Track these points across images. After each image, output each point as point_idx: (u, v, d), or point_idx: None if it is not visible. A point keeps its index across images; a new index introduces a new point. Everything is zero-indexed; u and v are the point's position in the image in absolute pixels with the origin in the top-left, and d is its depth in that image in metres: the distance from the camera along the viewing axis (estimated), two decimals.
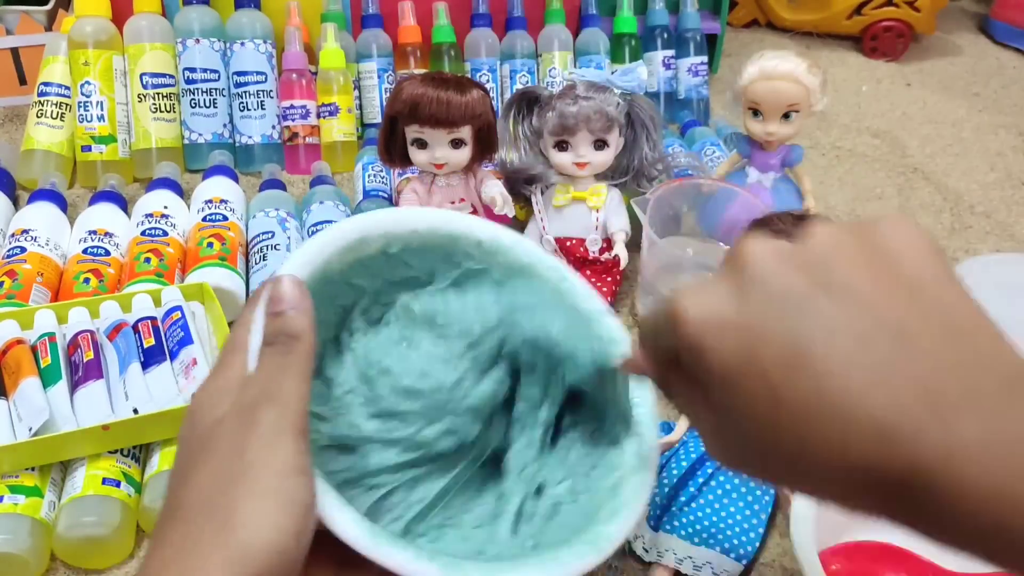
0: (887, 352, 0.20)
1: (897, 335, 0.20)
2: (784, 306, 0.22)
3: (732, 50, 1.14)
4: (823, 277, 0.22)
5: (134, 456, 0.54)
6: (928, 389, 0.20)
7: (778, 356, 0.21)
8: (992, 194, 0.90)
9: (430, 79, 0.65)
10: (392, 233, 0.37)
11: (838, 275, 0.22)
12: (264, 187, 0.79)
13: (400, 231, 0.38)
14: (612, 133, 0.68)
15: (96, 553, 0.50)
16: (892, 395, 0.20)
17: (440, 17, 0.92)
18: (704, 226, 0.74)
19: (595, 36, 0.96)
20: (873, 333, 0.21)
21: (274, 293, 0.31)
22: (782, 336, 0.21)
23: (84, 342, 0.56)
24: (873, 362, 0.20)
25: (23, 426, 0.51)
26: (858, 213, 0.86)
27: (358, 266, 0.37)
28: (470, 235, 0.39)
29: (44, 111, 0.85)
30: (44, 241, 0.69)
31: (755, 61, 0.67)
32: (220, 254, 0.69)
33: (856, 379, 0.20)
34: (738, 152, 0.73)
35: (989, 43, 1.24)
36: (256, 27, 0.87)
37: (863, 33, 1.17)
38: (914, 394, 0.20)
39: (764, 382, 0.21)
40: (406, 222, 0.38)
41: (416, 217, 0.38)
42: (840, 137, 0.99)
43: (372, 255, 0.37)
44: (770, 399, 0.21)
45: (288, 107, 0.87)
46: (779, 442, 0.22)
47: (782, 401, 0.21)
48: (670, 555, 0.49)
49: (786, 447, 0.21)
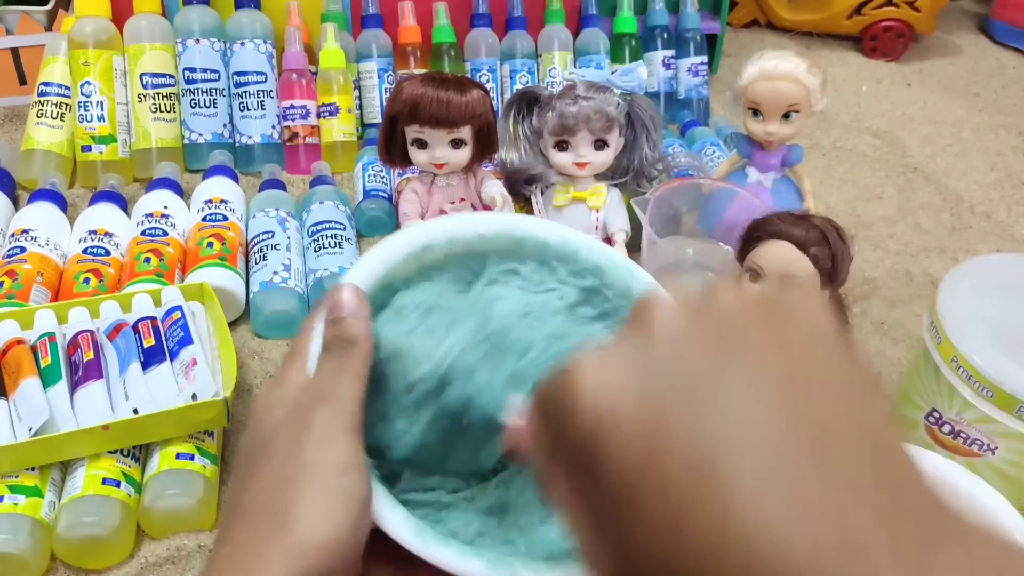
0: (804, 472, 0.17)
1: (814, 447, 0.18)
2: (691, 394, 0.18)
3: (732, 50, 1.14)
4: (733, 351, 0.19)
5: (134, 456, 0.54)
6: (849, 535, 0.17)
7: (682, 468, 0.18)
8: (992, 194, 0.89)
9: (430, 79, 0.65)
10: (457, 238, 0.37)
11: (751, 353, 0.19)
12: (264, 187, 0.79)
13: (465, 235, 0.37)
14: (612, 133, 0.68)
15: (96, 553, 0.50)
16: (810, 537, 0.17)
17: (440, 17, 0.92)
18: (704, 226, 0.74)
19: (595, 36, 0.96)
20: (789, 440, 0.18)
21: (333, 301, 0.32)
22: (686, 435, 0.18)
23: (84, 342, 0.56)
24: (789, 488, 0.17)
25: (23, 426, 0.51)
26: (858, 213, 0.86)
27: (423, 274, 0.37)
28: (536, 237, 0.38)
29: (44, 111, 0.85)
30: (44, 241, 0.69)
31: (755, 61, 0.67)
32: (220, 254, 0.69)
33: (770, 510, 0.17)
34: (738, 152, 0.73)
35: (989, 43, 1.24)
36: (256, 27, 0.87)
37: (863, 33, 1.17)
38: (835, 539, 0.17)
39: (665, 501, 0.18)
40: (472, 226, 0.38)
41: (482, 221, 0.38)
42: (840, 137, 0.99)
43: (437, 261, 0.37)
44: (670, 520, 0.18)
45: (288, 107, 0.87)
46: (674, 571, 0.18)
47: (684, 525, 0.18)
48: None
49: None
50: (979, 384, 0.48)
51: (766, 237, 0.52)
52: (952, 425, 0.51)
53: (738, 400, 0.18)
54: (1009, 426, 0.48)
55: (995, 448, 0.49)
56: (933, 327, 0.52)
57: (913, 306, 0.73)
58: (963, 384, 0.49)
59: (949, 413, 0.51)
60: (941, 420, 0.52)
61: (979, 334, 0.50)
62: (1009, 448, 0.49)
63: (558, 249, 0.38)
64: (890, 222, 0.85)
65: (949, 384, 0.50)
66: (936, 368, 0.51)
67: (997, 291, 0.53)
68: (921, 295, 0.74)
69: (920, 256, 0.80)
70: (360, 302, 0.33)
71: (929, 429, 0.53)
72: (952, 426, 0.51)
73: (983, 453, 0.50)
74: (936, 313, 0.52)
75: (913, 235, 0.83)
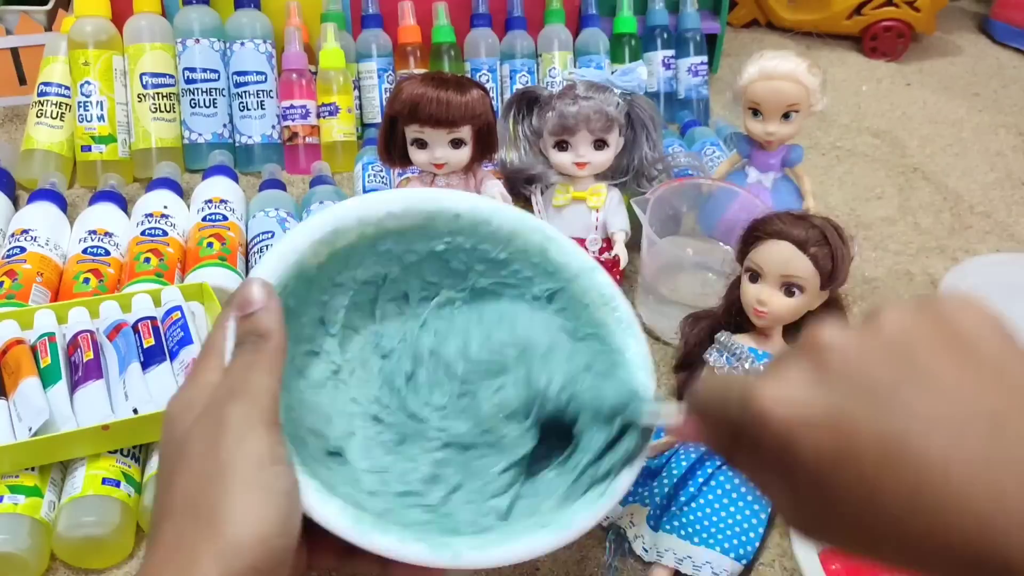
0: (983, 442, 0.20)
1: (990, 423, 0.21)
2: (874, 399, 0.22)
3: (732, 50, 1.14)
4: (907, 366, 0.22)
5: (134, 456, 0.54)
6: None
7: (874, 452, 0.21)
8: (992, 194, 0.90)
9: (430, 79, 0.65)
10: (367, 218, 0.37)
11: (922, 363, 0.22)
12: (264, 187, 0.79)
13: (375, 215, 0.37)
14: (612, 133, 0.68)
15: (96, 553, 0.50)
16: (992, 488, 0.20)
17: (440, 17, 0.92)
18: (704, 226, 0.74)
19: (595, 36, 0.96)
20: (967, 422, 0.21)
21: (242, 297, 0.32)
22: (876, 431, 0.21)
23: (84, 342, 0.56)
24: (970, 454, 0.20)
25: (23, 426, 0.51)
26: (858, 213, 0.86)
27: (338, 259, 0.37)
28: (447, 210, 0.38)
29: (44, 111, 0.85)
30: (44, 241, 0.69)
31: (755, 61, 0.67)
32: (220, 254, 0.69)
33: (956, 473, 0.20)
34: (738, 152, 0.73)
35: (989, 43, 1.24)
36: (256, 27, 0.87)
37: (863, 33, 1.17)
38: (1015, 486, 0.20)
39: (860, 476, 0.22)
40: (381, 205, 0.37)
41: (390, 199, 0.37)
42: (840, 137, 0.99)
43: (352, 245, 0.37)
44: (866, 492, 0.22)
45: (288, 107, 0.87)
46: (874, 528, 0.22)
47: (880, 494, 0.21)
48: (670, 555, 0.49)
49: (881, 532, 0.22)
50: None
51: (766, 237, 0.52)
52: None
53: (918, 400, 0.21)
54: None
55: None
56: None
57: None
58: None
59: None
60: None
61: None
62: None
63: (470, 218, 0.38)
64: (890, 222, 0.85)
65: None
66: None
67: (997, 291, 0.53)
68: (921, 295, 0.74)
69: (920, 256, 0.80)
70: (269, 295, 0.33)
71: None
72: None
73: None
74: None
75: (913, 235, 0.83)
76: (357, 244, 0.37)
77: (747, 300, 0.54)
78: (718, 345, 0.56)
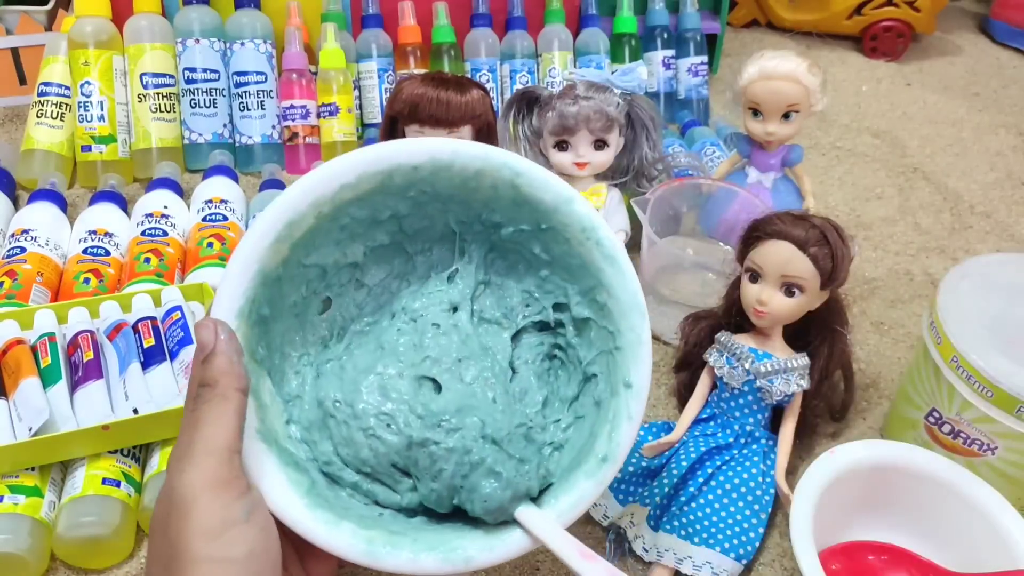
0: None
1: None
2: None
3: (732, 50, 1.14)
4: None
5: (134, 456, 0.54)
6: None
7: None
8: (992, 194, 0.90)
9: (430, 79, 0.65)
10: (321, 199, 0.35)
11: None
12: (264, 187, 0.79)
13: (328, 192, 0.35)
14: (612, 133, 0.68)
15: (96, 553, 0.50)
16: None
17: (440, 17, 0.92)
18: (704, 226, 0.74)
19: (595, 36, 0.96)
20: None
21: (197, 342, 0.32)
22: None
23: (84, 342, 0.56)
24: None
25: (23, 426, 0.51)
26: (858, 213, 0.86)
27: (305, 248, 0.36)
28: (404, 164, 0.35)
29: (44, 111, 0.85)
30: (44, 241, 0.69)
31: (755, 61, 0.67)
32: (220, 254, 0.69)
33: None
34: (738, 152, 0.73)
35: (989, 43, 1.24)
36: (256, 27, 0.87)
37: (863, 33, 1.17)
38: None
39: None
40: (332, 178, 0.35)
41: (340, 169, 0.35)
42: (840, 137, 0.99)
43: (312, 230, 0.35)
44: None
45: (288, 107, 0.87)
46: None
47: None
48: (670, 555, 0.49)
49: None
50: (979, 384, 0.48)
51: (766, 237, 0.52)
52: (952, 425, 0.51)
53: None
54: (1009, 426, 0.48)
55: (995, 448, 0.49)
56: (933, 327, 0.52)
57: (913, 306, 0.73)
58: (963, 384, 0.49)
59: (949, 413, 0.51)
60: (941, 420, 0.52)
61: (979, 334, 0.50)
62: (1009, 448, 0.49)
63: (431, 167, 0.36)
64: (890, 222, 0.85)
65: (949, 384, 0.50)
66: (936, 368, 0.51)
67: (997, 291, 0.53)
68: (921, 295, 0.74)
69: (920, 256, 0.80)
70: (218, 335, 0.31)
71: (929, 429, 0.53)
72: (952, 426, 0.51)
73: (983, 453, 0.50)
74: (936, 313, 0.52)
75: (913, 235, 0.83)
76: (317, 226, 0.36)
77: (747, 300, 0.54)
78: (718, 345, 0.56)
